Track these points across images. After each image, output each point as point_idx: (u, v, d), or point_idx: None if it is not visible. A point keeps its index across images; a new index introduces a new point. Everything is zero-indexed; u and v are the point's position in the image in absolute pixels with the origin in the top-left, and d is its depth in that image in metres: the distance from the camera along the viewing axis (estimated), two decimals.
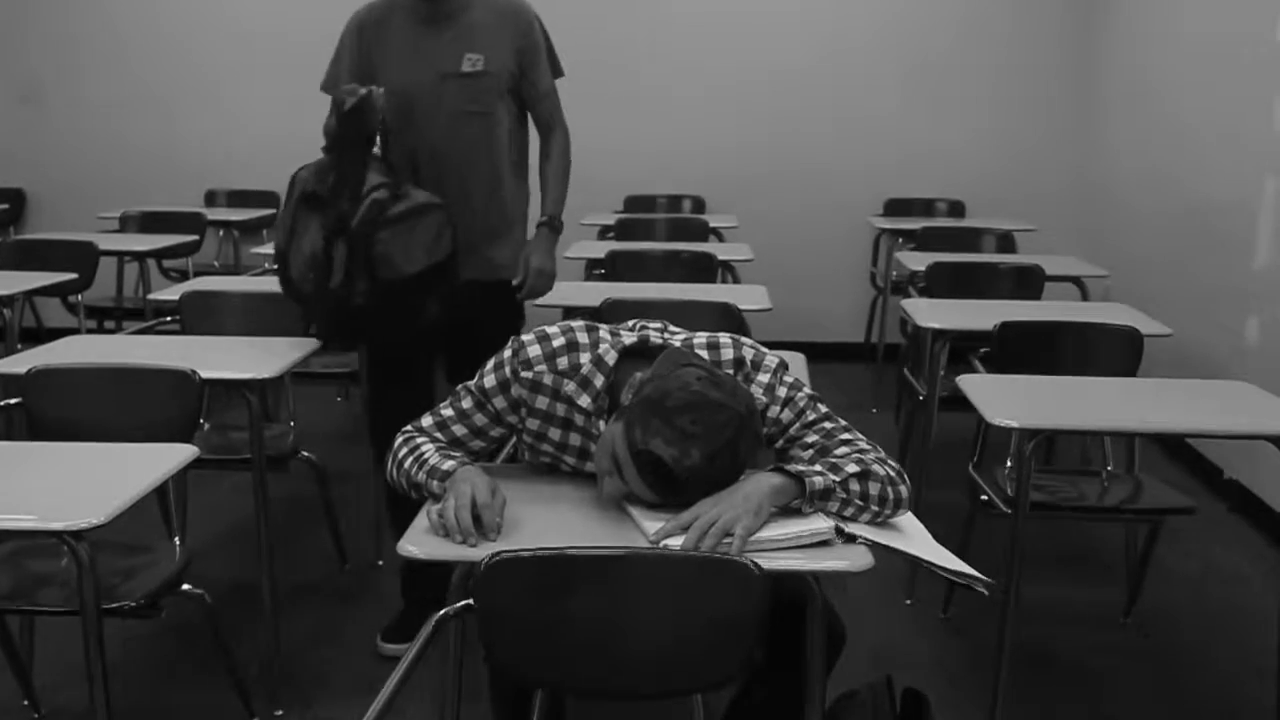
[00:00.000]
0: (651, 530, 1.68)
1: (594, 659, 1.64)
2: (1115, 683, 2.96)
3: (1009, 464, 3.03)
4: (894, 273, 5.57)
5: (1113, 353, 3.22)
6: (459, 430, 1.93)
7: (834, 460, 1.78)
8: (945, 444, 3.67)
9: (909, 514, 1.82)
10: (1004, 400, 2.58)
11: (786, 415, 1.87)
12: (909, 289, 4.52)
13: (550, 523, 1.78)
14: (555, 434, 1.92)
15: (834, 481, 1.72)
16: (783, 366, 1.92)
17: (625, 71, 6.20)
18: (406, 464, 1.87)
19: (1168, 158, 5.09)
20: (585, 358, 1.87)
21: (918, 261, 4.44)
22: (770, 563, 1.60)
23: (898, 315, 4.87)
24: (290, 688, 2.78)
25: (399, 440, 1.93)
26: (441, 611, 1.62)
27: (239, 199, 6.25)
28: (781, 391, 1.87)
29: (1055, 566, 3.61)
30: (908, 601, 3.35)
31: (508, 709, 2.07)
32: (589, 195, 5.97)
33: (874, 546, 1.69)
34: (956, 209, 6.17)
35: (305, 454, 3.25)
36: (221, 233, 6.17)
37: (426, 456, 1.85)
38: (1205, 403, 2.71)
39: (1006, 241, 5.14)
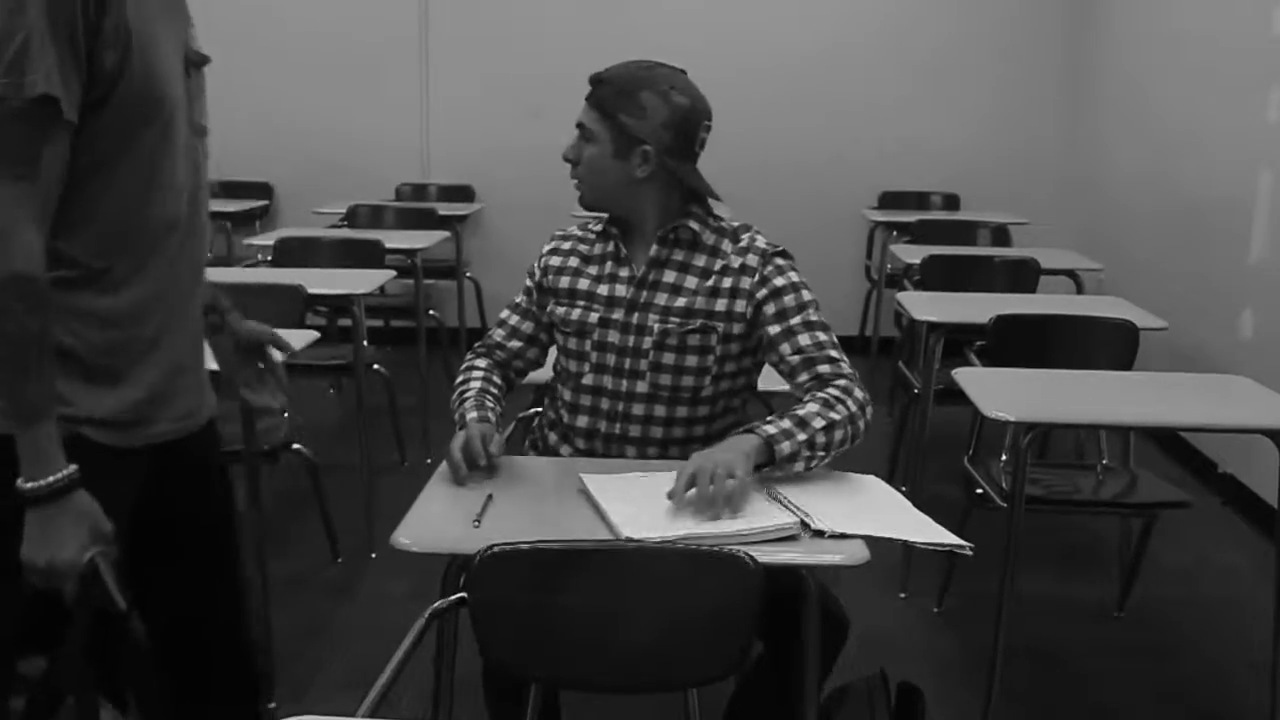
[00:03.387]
0: (624, 531, 1.65)
1: (588, 653, 1.63)
2: (1109, 676, 2.96)
3: (1004, 457, 3.03)
4: (889, 265, 5.57)
5: (1108, 346, 3.22)
6: (514, 320, 2.19)
7: (800, 415, 1.88)
8: (940, 437, 3.67)
9: (878, 481, 1.91)
10: (999, 393, 2.57)
11: (790, 301, 2.00)
12: (904, 282, 4.51)
13: (544, 516, 1.77)
14: (592, 270, 2.15)
15: (800, 443, 1.84)
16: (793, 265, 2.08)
17: (618, 60, 6.16)
18: (455, 393, 2.11)
19: (1162, 151, 5.09)
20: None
21: (912, 254, 4.44)
22: (766, 557, 1.59)
23: (892, 308, 4.87)
24: (282, 680, 2.77)
25: (465, 362, 2.19)
26: (435, 605, 1.61)
27: (231, 190, 6.22)
28: (794, 276, 2.03)
29: (1049, 560, 3.61)
30: (902, 595, 3.35)
31: (502, 702, 2.06)
32: None
33: (842, 539, 1.67)
34: (951, 202, 6.17)
35: (297, 446, 3.23)
36: (214, 224, 6.15)
37: (466, 396, 2.08)
38: (1201, 396, 2.71)
39: (1001, 235, 5.14)
